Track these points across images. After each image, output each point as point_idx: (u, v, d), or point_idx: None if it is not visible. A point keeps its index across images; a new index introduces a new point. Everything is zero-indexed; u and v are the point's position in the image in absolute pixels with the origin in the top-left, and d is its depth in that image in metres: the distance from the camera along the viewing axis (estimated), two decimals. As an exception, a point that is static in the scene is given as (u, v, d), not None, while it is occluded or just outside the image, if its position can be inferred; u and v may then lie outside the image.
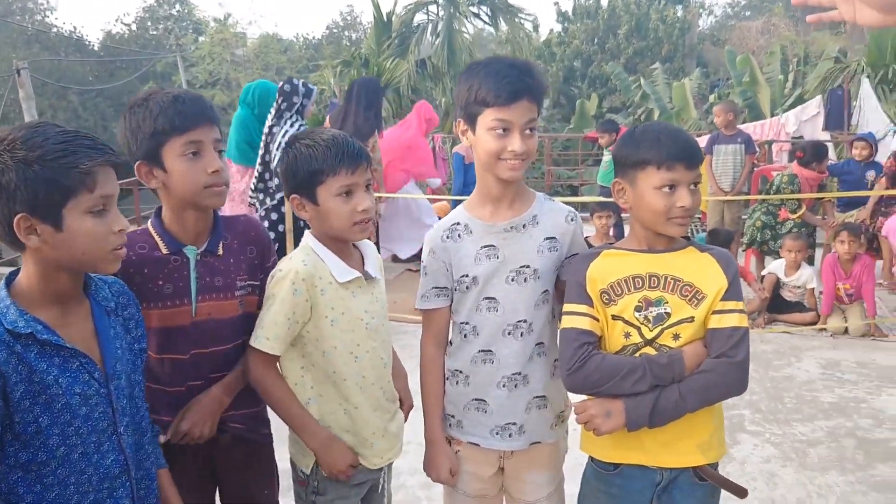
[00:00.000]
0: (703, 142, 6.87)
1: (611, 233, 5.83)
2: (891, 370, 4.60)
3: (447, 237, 1.92)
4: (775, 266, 5.79)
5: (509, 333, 1.90)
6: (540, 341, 1.93)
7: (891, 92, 13.03)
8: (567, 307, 1.87)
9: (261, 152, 5.55)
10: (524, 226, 1.89)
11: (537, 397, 1.95)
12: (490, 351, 1.92)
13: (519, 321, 1.90)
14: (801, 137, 8.73)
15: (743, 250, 6.69)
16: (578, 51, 24.89)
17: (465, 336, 1.95)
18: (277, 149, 5.22)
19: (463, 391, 1.96)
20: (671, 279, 1.80)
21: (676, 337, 1.78)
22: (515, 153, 1.78)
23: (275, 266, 1.91)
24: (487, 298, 1.90)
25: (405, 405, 2.14)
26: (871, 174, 6.63)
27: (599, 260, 1.88)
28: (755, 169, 6.98)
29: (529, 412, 1.94)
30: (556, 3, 34.48)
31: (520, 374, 1.92)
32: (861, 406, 4.11)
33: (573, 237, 1.94)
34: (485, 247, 1.89)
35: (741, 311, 1.78)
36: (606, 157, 7.61)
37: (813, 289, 5.67)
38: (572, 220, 1.94)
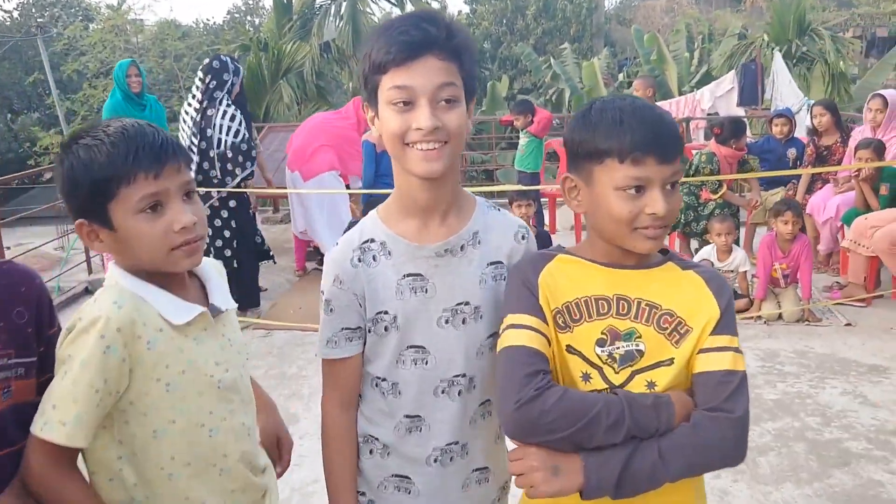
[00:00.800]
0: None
1: (531, 223, 5.39)
2: (830, 360, 4.34)
3: (359, 260, 1.39)
4: (706, 252, 5.47)
5: (443, 392, 1.41)
6: (485, 399, 1.45)
7: (794, 66, 13.19)
8: (512, 318, 1.34)
9: (193, 140, 4.96)
10: (462, 247, 1.39)
11: (478, 470, 1.47)
12: (418, 417, 1.42)
13: (456, 376, 1.41)
14: (717, 114, 8.55)
15: (668, 234, 6.39)
16: (487, 32, 24.56)
17: (383, 395, 1.43)
18: (221, 132, 4.91)
19: (380, 464, 1.46)
20: (646, 306, 1.33)
21: (651, 385, 1.31)
22: (424, 132, 1.24)
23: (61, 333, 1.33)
24: (413, 347, 1.40)
25: (283, 452, 1.63)
26: (791, 152, 6.42)
27: (555, 267, 1.38)
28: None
29: (467, 489, 1.47)
30: (463, -15, 34.07)
31: (457, 443, 1.43)
32: (806, 402, 3.81)
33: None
34: (409, 276, 1.38)
35: (736, 350, 1.31)
36: (523, 139, 7.17)
37: (745, 272, 5.38)
38: (523, 237, 1.46)
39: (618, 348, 1.32)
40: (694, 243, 6.15)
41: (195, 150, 4.91)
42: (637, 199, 1.28)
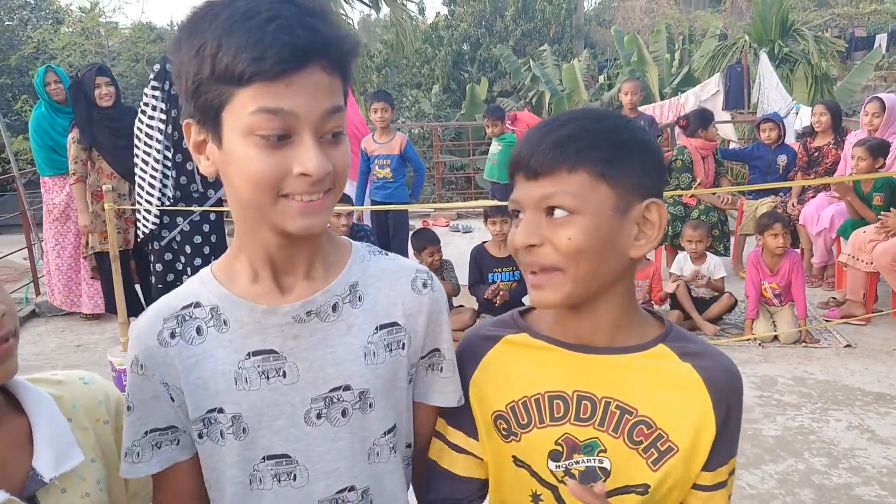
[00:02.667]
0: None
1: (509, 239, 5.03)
2: (831, 388, 4.01)
3: (171, 335, 0.98)
4: (679, 262, 5.15)
5: None
6: None
7: (776, 67, 12.95)
8: (440, 425, 1.08)
9: (167, 154, 4.46)
10: (334, 307, 0.99)
11: None
12: None
13: (341, 492, 1.02)
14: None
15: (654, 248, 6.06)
16: (466, 34, 24.20)
17: None
18: None
19: None
20: (615, 409, 1.01)
21: None
22: (312, 180, 0.87)
23: None
24: (273, 458, 0.99)
25: None
26: (782, 158, 6.09)
27: (498, 352, 1.06)
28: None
29: None
30: (442, -14, 33.76)
31: None
32: (810, 439, 3.47)
33: (430, 316, 1.05)
34: (256, 354, 0.97)
35: (731, 475, 1.05)
36: (495, 146, 6.80)
37: (723, 277, 5.05)
38: (425, 285, 1.06)
39: (577, 463, 1.01)
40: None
41: (170, 164, 4.49)
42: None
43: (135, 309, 4.87)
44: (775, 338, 4.64)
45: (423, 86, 22.07)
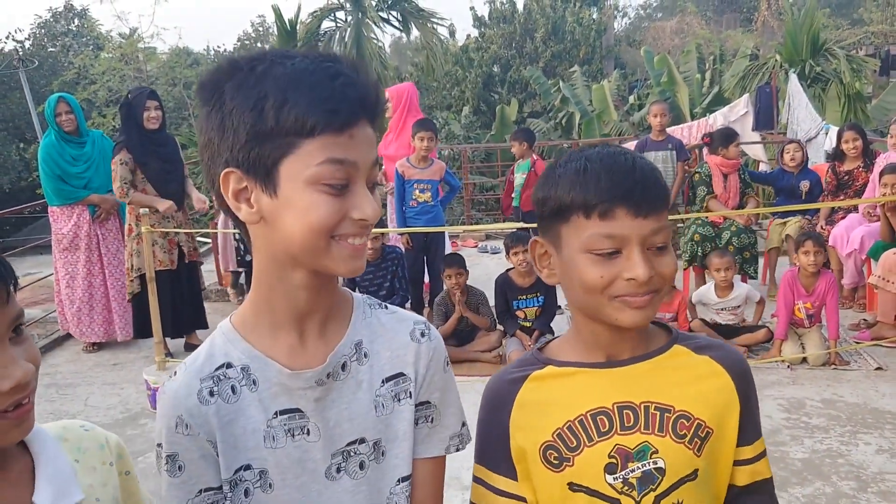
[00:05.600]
0: (630, 147, 6.20)
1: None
2: (861, 410, 3.98)
3: (210, 394, 1.01)
4: (703, 292, 5.15)
5: None
6: None
7: (808, 87, 12.87)
8: (480, 471, 1.14)
9: None
10: (343, 366, 1.05)
11: None
12: None
13: None
14: (732, 138, 8.22)
15: (683, 269, 6.04)
16: (496, 56, 24.40)
17: None
18: None
19: None
20: (655, 410, 1.08)
21: None
22: (368, 223, 0.95)
23: None
24: None
25: None
26: (804, 184, 6.06)
27: (531, 388, 1.12)
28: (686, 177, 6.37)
29: None
30: (472, 8, 34.02)
31: None
32: (838, 462, 3.45)
33: (430, 363, 1.09)
34: (283, 413, 1.02)
35: (765, 451, 1.17)
36: (519, 179, 6.70)
37: (762, 300, 5.05)
38: (423, 334, 1.10)
39: (633, 471, 1.07)
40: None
41: None
42: (609, 262, 1.03)
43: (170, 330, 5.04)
44: (804, 360, 4.61)
45: (454, 107, 22.24)
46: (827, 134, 7.51)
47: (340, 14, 17.23)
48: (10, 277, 0.90)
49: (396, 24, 18.03)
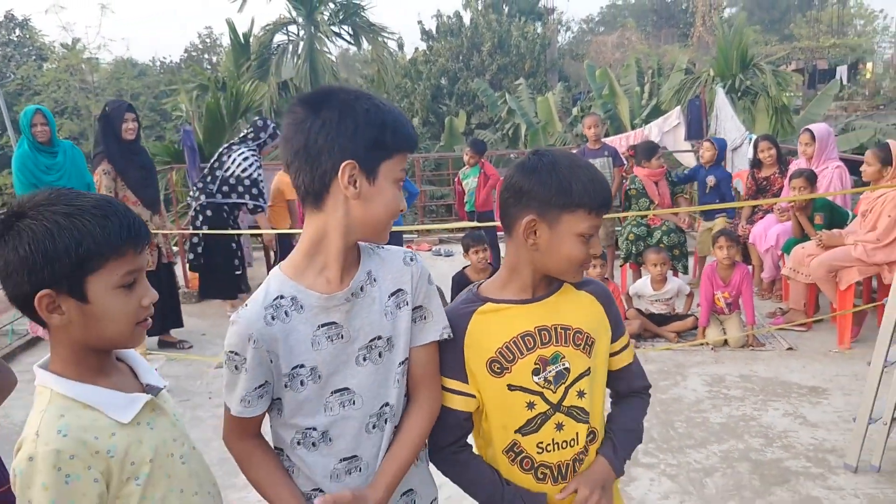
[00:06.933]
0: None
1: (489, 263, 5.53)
2: (772, 383, 4.56)
3: (272, 318, 1.42)
4: (639, 285, 5.72)
5: (374, 427, 1.51)
6: (398, 423, 1.56)
7: (738, 99, 13.69)
8: (444, 381, 1.61)
9: (212, 160, 6.39)
10: (362, 288, 1.49)
11: (405, 494, 1.58)
12: (355, 457, 1.50)
13: (383, 407, 1.51)
14: (665, 148, 8.87)
15: (620, 265, 6.63)
16: (444, 68, 24.93)
17: (313, 446, 1.49)
18: (232, 163, 6.19)
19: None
20: (561, 329, 1.58)
21: (581, 394, 1.59)
22: (402, 211, 1.55)
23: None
24: (337, 391, 1.47)
25: None
26: (710, 179, 6.79)
27: (477, 320, 1.59)
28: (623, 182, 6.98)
29: None
30: (420, 22, 34.57)
31: None
32: (750, 424, 4.00)
33: (419, 279, 1.54)
34: (324, 325, 1.45)
35: (628, 344, 1.74)
36: (472, 182, 7.30)
37: (691, 293, 5.64)
38: (412, 259, 1.56)
39: (550, 372, 1.56)
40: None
41: (209, 167, 6.29)
42: (587, 243, 1.55)
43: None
44: (725, 342, 5.19)
45: (404, 119, 22.59)
46: (751, 143, 8.18)
47: (293, 28, 17.54)
48: (148, 235, 1.34)
49: (348, 37, 18.44)
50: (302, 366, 1.44)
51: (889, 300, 3.41)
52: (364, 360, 1.48)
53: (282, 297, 1.44)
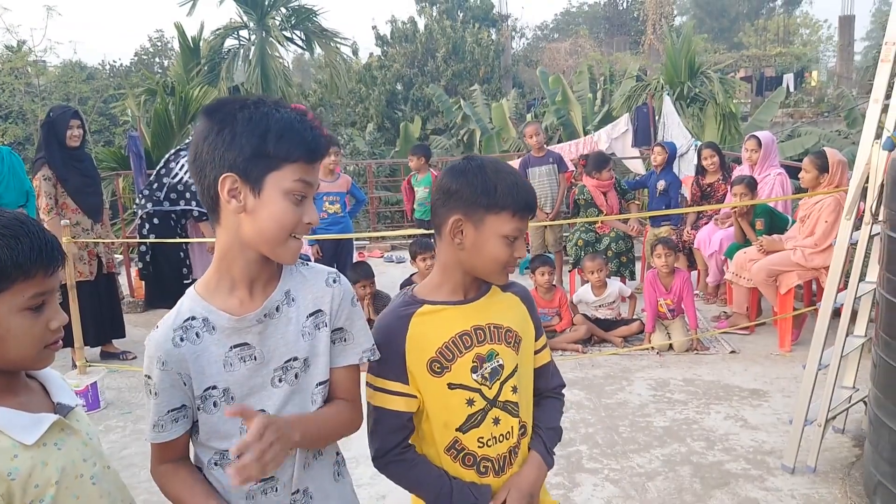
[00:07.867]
0: (514, 164, 6.81)
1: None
2: (715, 386, 4.64)
3: (181, 339, 1.39)
4: (582, 292, 5.79)
5: (291, 448, 1.47)
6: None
7: (687, 107, 13.96)
8: (379, 381, 1.60)
9: (159, 166, 6.27)
10: (277, 308, 1.45)
11: None
12: (272, 478, 1.47)
13: None
14: (614, 154, 8.99)
15: (569, 270, 6.69)
16: (399, 74, 24.93)
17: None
18: (180, 169, 6.07)
19: None
20: (494, 328, 1.64)
21: (515, 390, 1.65)
22: (312, 227, 1.42)
23: None
24: None
25: None
26: (661, 183, 6.92)
27: (417, 322, 1.61)
28: (571, 188, 7.05)
29: None
30: (375, 27, 34.56)
31: (298, 491, 1.51)
32: (693, 427, 4.06)
33: (341, 301, 1.50)
34: (237, 346, 1.42)
35: (546, 345, 1.82)
36: (423, 193, 7.19)
37: (633, 295, 5.72)
38: (335, 280, 1.52)
39: (486, 369, 1.61)
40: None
41: (155, 174, 6.13)
42: (511, 245, 1.59)
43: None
44: (671, 347, 5.27)
45: (358, 124, 22.57)
46: (697, 149, 8.34)
47: (244, 33, 17.34)
48: (61, 257, 1.30)
49: (300, 42, 18.29)
50: (214, 387, 1.42)
51: (822, 305, 3.50)
52: (280, 381, 1.46)
53: (193, 318, 1.42)
